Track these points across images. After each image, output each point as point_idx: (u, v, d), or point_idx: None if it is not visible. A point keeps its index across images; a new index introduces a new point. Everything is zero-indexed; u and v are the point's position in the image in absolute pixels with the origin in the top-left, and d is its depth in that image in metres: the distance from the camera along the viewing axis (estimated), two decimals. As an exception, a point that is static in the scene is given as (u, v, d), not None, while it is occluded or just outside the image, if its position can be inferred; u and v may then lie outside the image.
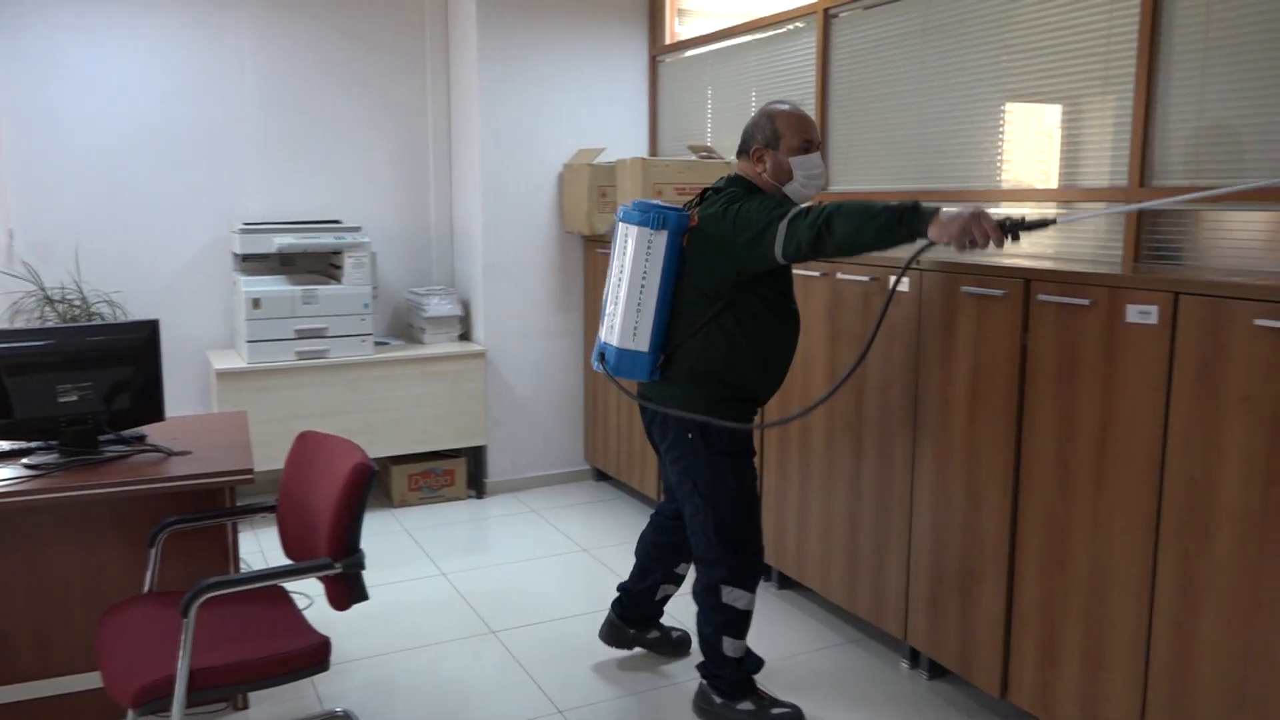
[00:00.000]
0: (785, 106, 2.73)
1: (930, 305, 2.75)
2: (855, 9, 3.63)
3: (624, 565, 3.84)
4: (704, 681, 2.81)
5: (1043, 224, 2.33)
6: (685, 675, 2.99)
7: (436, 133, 4.92)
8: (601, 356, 2.73)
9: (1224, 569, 2.05)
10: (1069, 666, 2.42)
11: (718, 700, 2.76)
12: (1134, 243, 2.71)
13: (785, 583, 3.61)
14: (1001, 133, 3.11)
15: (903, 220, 2.33)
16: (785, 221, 2.45)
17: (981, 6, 3.13)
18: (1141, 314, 2.19)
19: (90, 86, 4.29)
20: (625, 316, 2.64)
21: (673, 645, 3.13)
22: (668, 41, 4.80)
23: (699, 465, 2.67)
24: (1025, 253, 3.04)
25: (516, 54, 4.60)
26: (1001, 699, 2.63)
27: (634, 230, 2.62)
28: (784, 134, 2.67)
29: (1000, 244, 2.29)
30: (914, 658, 3.00)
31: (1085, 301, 2.31)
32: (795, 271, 3.24)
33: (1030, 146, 3.03)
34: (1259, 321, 1.95)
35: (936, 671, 2.94)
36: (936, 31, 3.30)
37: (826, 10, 3.74)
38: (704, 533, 2.70)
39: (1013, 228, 2.29)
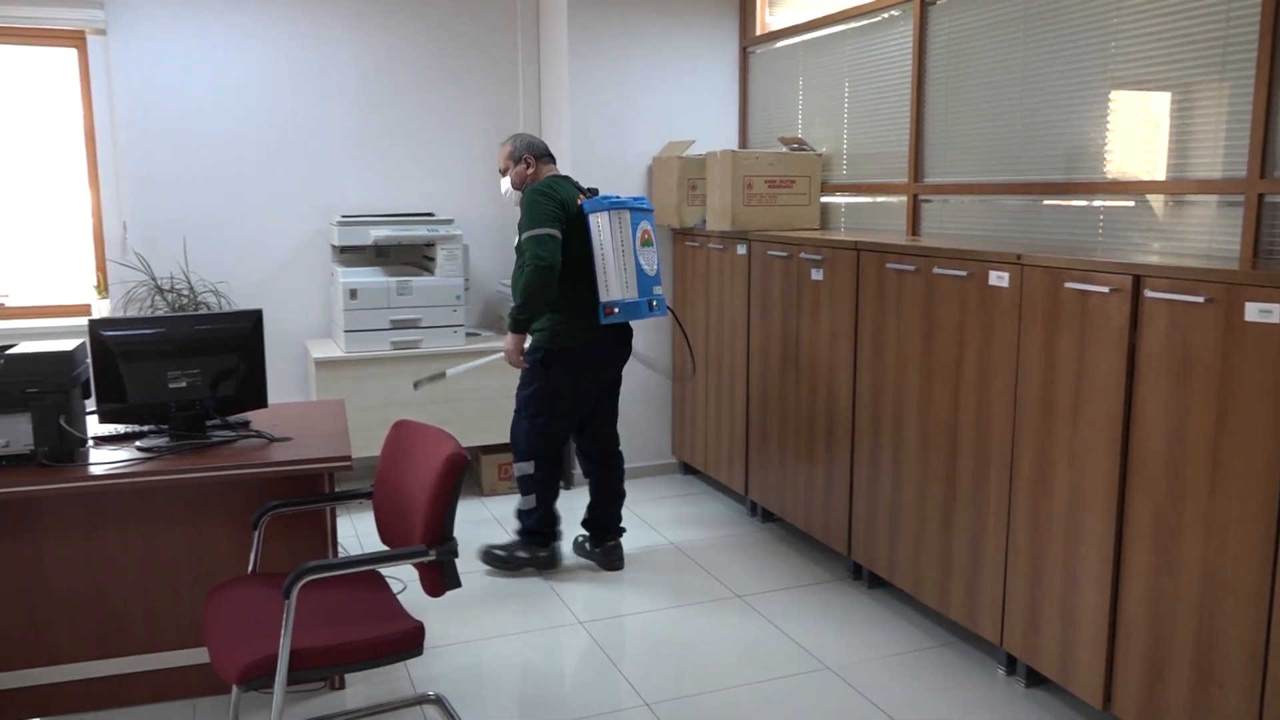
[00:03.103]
0: None
1: (1031, 301, 2.66)
2: (955, -4, 3.54)
3: (714, 562, 3.83)
4: (619, 538, 3.85)
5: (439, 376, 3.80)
6: (777, 671, 2.96)
7: (528, 125, 4.97)
8: (651, 305, 3.61)
9: (1350, 582, 1.94)
10: (1178, 679, 2.32)
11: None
12: (1253, 237, 2.58)
13: (875, 582, 3.55)
14: (1107, 122, 2.99)
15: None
16: None
17: (1090, -9, 3.01)
18: (1262, 312, 2.08)
19: (198, 84, 4.45)
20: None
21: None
22: (759, 32, 4.76)
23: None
24: (1133, 244, 2.92)
25: (607, 47, 4.62)
26: (1104, 710, 2.54)
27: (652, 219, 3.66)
28: None
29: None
30: (1010, 664, 2.91)
31: (1200, 299, 2.20)
32: (888, 265, 3.19)
33: (1138, 136, 2.91)
34: (1395, 321, 1.84)
35: (1034, 679, 2.86)
36: (1039, 18, 3.19)
37: (924, -2, 3.66)
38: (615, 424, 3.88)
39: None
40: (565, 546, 3.91)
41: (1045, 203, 3.23)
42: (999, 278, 2.77)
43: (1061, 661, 2.64)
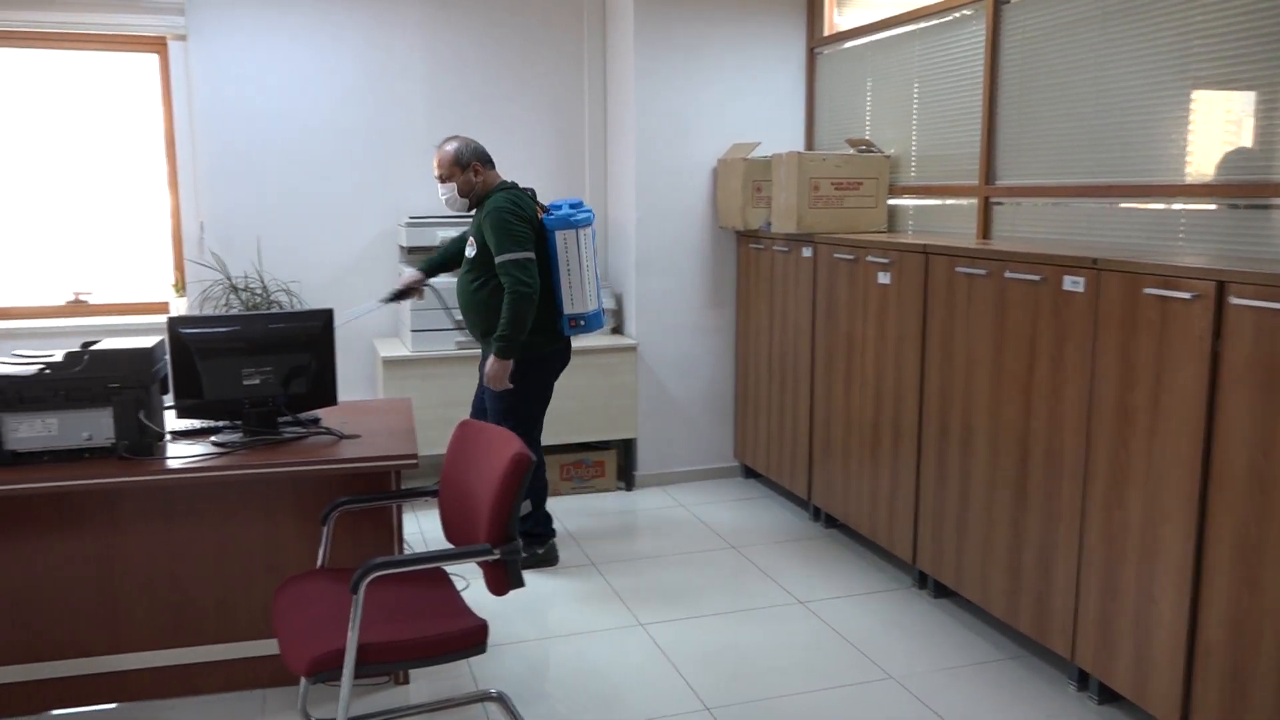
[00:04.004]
0: None
1: (1108, 307, 2.59)
2: (1030, -6, 3.47)
3: (776, 566, 3.81)
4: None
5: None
6: (839, 679, 2.93)
7: (592, 128, 4.99)
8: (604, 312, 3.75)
9: None
10: (1261, 699, 2.24)
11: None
12: (1345, 242, 2.48)
13: (941, 591, 3.49)
14: (1188, 123, 2.90)
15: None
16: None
17: (1173, -12, 2.93)
18: (1356, 320, 2.00)
19: (274, 88, 4.56)
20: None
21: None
22: (826, 33, 4.71)
23: None
24: (1215, 249, 2.83)
25: (672, 48, 4.61)
26: (1179, 729, 2.46)
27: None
28: None
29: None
30: (1082, 679, 2.84)
31: (1289, 305, 2.12)
32: (958, 269, 3.13)
33: (1220, 137, 2.81)
34: None
35: (1107, 696, 2.77)
36: (1117, 16, 3.11)
37: (998, -3, 3.59)
38: None
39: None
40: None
41: (1121, 206, 3.15)
42: (1074, 283, 2.70)
43: (1136, 678, 2.57)
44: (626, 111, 4.70)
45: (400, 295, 3.86)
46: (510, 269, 3.44)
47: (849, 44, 4.54)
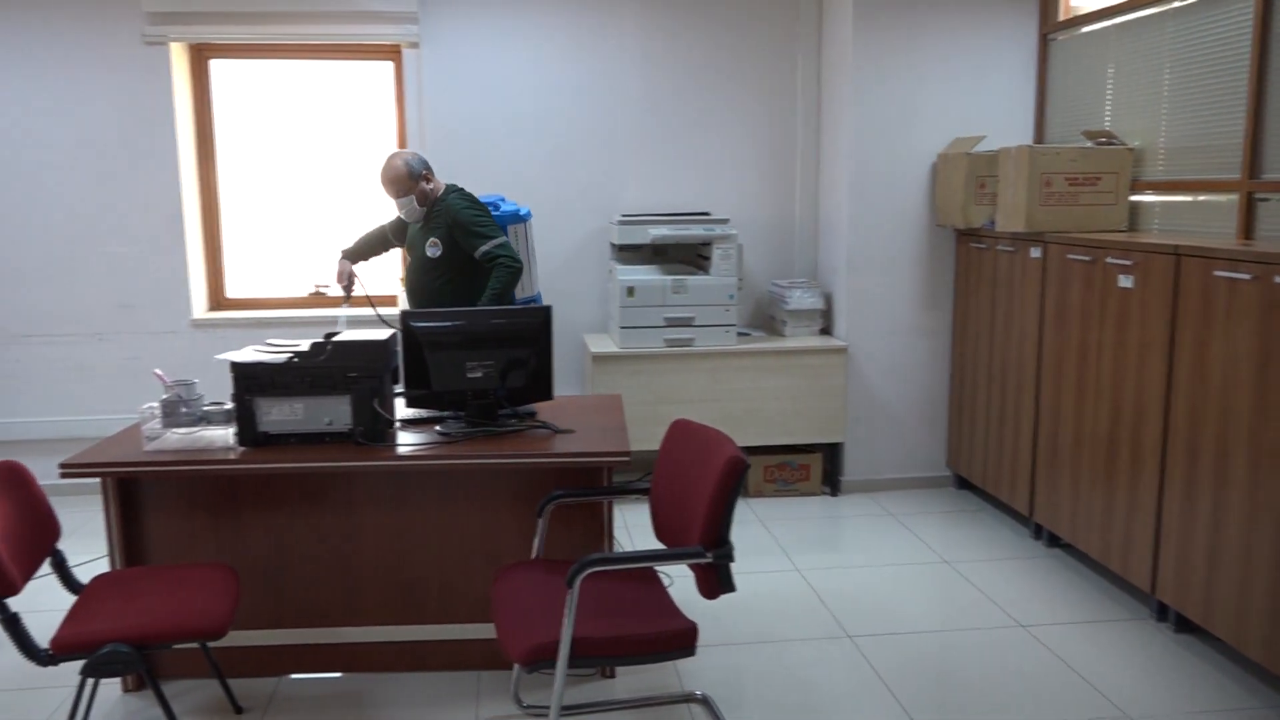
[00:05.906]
0: None
1: None
2: (1311, -35, 3.09)
3: (993, 585, 3.60)
4: None
5: None
6: (1066, 713, 2.73)
7: (805, 124, 4.88)
8: None
9: None
10: None
11: None
12: None
13: (1184, 626, 3.18)
14: None
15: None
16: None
17: None
18: None
19: (495, 90, 4.73)
20: None
21: None
22: (1061, 18, 4.40)
23: None
24: None
25: (892, 39, 4.44)
26: None
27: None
28: None
29: None
30: (1359, 738, 2.51)
31: None
32: (1216, 273, 2.84)
33: None
34: None
35: (1391, 759, 2.45)
36: None
37: (1271, -31, 3.22)
38: None
39: None
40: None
41: None
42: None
43: None
44: (841, 104, 4.57)
45: (349, 289, 3.99)
46: (498, 250, 3.65)
47: (1088, 28, 4.22)
